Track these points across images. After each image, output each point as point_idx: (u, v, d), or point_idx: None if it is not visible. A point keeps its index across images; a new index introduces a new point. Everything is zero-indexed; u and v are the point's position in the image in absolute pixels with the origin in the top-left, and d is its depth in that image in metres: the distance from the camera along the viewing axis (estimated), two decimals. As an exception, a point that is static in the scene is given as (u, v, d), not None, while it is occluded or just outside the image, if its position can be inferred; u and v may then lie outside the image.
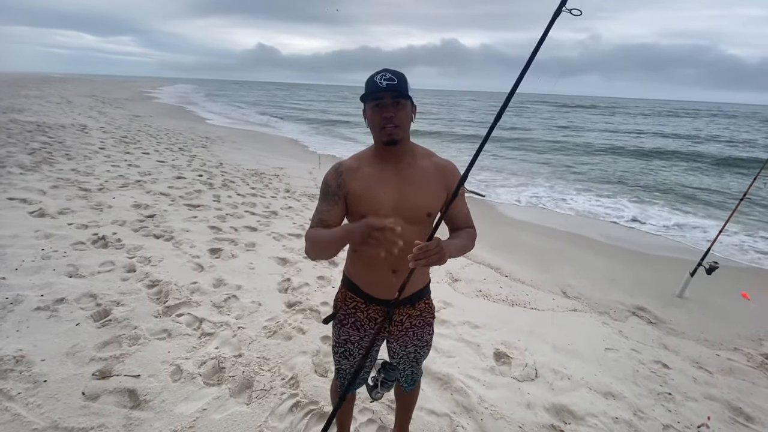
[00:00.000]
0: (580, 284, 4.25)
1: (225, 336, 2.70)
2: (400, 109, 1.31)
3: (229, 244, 4.26)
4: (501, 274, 4.36)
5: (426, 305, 1.59)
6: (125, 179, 6.35)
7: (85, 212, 4.66)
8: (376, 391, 1.52)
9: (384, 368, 1.51)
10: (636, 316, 3.68)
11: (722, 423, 2.38)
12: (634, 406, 2.43)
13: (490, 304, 3.65)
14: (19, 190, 5.13)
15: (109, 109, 18.70)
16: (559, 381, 2.60)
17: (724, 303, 4.04)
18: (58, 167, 6.55)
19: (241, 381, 2.31)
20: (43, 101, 18.38)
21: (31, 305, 2.74)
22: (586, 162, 13.83)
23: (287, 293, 3.40)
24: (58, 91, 28.09)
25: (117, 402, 2.08)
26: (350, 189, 1.38)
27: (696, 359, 3.03)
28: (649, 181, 11.33)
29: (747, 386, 2.75)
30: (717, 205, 9.04)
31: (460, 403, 2.32)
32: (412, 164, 1.41)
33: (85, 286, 3.06)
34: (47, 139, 8.82)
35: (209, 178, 7.13)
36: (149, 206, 5.17)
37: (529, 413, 2.30)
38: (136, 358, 2.39)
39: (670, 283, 4.31)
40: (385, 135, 1.31)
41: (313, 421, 2.09)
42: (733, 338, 3.40)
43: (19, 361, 2.24)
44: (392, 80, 1.28)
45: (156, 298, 3.09)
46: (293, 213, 5.71)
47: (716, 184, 11.58)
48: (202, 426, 1.99)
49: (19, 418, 1.90)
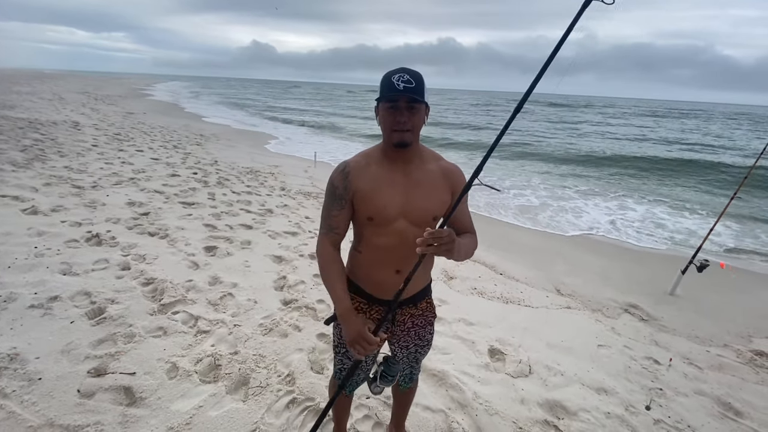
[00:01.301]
0: (573, 282, 4.30)
1: (221, 333, 2.70)
2: (415, 113, 1.29)
3: (225, 242, 4.25)
4: (495, 272, 4.39)
5: (428, 305, 1.60)
6: (119, 177, 6.31)
7: (78, 210, 4.63)
8: (375, 385, 1.50)
9: (385, 362, 1.50)
10: (628, 313, 3.72)
11: (712, 418, 2.43)
12: (626, 401, 2.46)
13: (484, 302, 3.68)
14: (11, 187, 5.08)
15: (102, 105, 18.53)
16: (553, 377, 2.64)
17: (715, 300, 4.10)
18: (50, 164, 6.49)
19: (237, 378, 2.31)
20: (35, 97, 18.16)
21: (25, 303, 2.72)
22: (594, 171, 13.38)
23: (283, 291, 3.41)
24: (51, 87, 27.77)
25: (112, 399, 2.07)
26: (357, 189, 1.37)
27: (687, 355, 3.08)
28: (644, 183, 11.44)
29: (736, 382, 2.81)
30: (709, 204, 9.16)
31: (455, 399, 2.35)
32: (420, 167, 1.40)
33: (79, 284, 3.05)
34: (39, 136, 8.73)
35: (204, 176, 7.10)
36: (143, 204, 5.14)
37: (523, 409, 2.33)
38: (132, 356, 2.39)
39: (662, 281, 4.37)
40: (396, 137, 1.30)
41: (310, 417, 2.10)
42: (723, 335, 3.46)
43: (13, 359, 2.23)
44: (410, 83, 1.25)
45: (151, 295, 3.08)
46: (289, 211, 5.70)
47: (707, 183, 11.73)
48: (198, 423, 1.99)
49: (14, 416, 1.89)
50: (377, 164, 1.39)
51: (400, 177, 1.38)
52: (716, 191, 10.62)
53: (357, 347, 1.27)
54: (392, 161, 1.38)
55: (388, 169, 1.38)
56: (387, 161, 1.39)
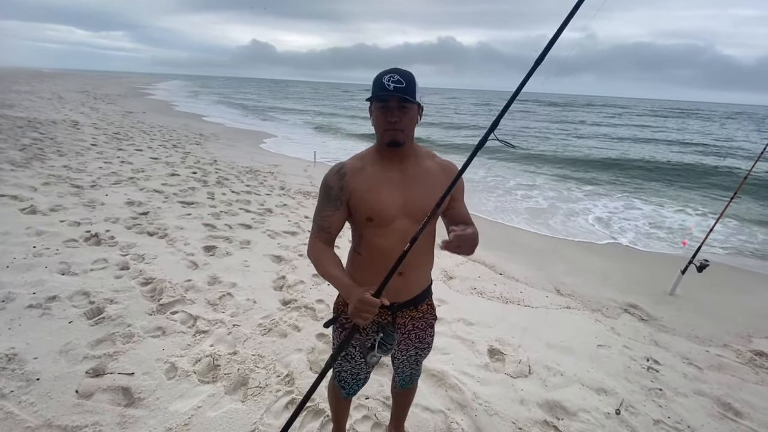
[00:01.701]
0: (573, 282, 4.29)
1: (220, 333, 2.69)
2: (406, 113, 1.30)
3: (224, 242, 4.25)
4: (495, 272, 4.39)
5: (428, 306, 1.59)
6: (118, 176, 6.30)
7: (77, 209, 4.62)
8: (371, 354, 1.41)
9: (383, 330, 1.42)
10: (628, 313, 3.72)
11: (711, 418, 2.42)
12: (626, 401, 2.46)
13: (484, 302, 3.67)
14: (10, 186, 5.06)
15: (101, 105, 18.50)
16: (552, 377, 2.63)
17: (715, 300, 4.10)
18: (49, 164, 6.48)
19: (236, 378, 2.31)
20: (34, 96, 18.13)
21: (23, 303, 2.72)
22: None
23: (282, 291, 3.40)
24: (50, 86, 27.73)
25: (111, 400, 2.07)
26: (353, 190, 1.37)
27: (686, 356, 3.08)
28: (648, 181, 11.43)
29: (736, 382, 2.80)
30: (709, 204, 9.16)
31: (455, 399, 2.34)
32: (416, 165, 1.41)
33: (77, 284, 3.04)
34: (38, 135, 8.71)
35: (203, 176, 7.08)
36: (143, 203, 5.13)
37: (523, 409, 2.33)
38: (130, 356, 2.38)
39: (662, 281, 4.36)
40: (388, 136, 1.32)
41: (309, 418, 2.09)
42: (722, 335, 3.45)
43: (11, 359, 2.22)
44: (400, 83, 1.26)
45: (150, 295, 3.07)
46: (288, 211, 5.69)
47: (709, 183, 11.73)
48: (197, 423, 1.99)
49: (12, 417, 1.89)
50: (373, 165, 1.39)
51: (398, 176, 1.38)
52: (717, 192, 10.61)
53: (361, 314, 1.21)
54: (388, 161, 1.39)
55: (384, 168, 1.38)
56: (382, 161, 1.39)
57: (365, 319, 1.21)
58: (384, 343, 1.40)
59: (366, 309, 1.20)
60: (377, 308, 1.20)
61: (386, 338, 1.40)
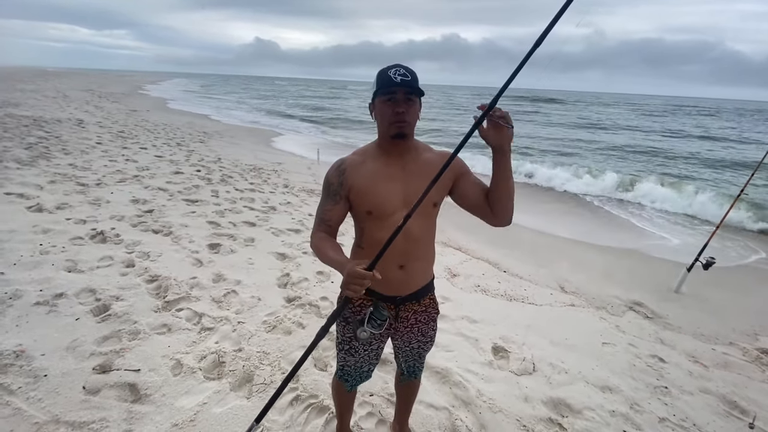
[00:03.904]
0: (577, 279, 4.28)
1: (225, 331, 2.71)
2: (411, 105, 1.33)
3: (228, 240, 4.26)
4: (499, 269, 4.38)
5: (431, 301, 1.60)
6: (123, 174, 6.33)
7: (83, 207, 4.65)
8: (362, 329, 1.40)
9: (375, 305, 1.42)
10: (633, 311, 3.70)
11: (717, 416, 2.41)
12: (631, 399, 2.45)
13: (488, 299, 3.67)
14: (16, 185, 5.10)
15: (106, 103, 18.58)
16: (557, 375, 2.63)
17: (721, 298, 4.07)
18: (55, 162, 6.52)
19: (241, 375, 2.32)
20: (39, 95, 18.23)
21: (30, 300, 2.74)
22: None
23: (286, 288, 3.41)
24: (54, 85, 27.87)
25: (118, 396, 2.09)
26: (353, 185, 1.39)
27: (692, 353, 3.06)
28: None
29: (742, 380, 2.79)
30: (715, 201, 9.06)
31: (459, 396, 2.34)
32: (417, 158, 1.43)
33: (84, 281, 3.06)
34: (44, 134, 8.77)
35: (207, 174, 7.11)
36: (147, 201, 5.15)
37: (527, 406, 2.32)
38: (136, 353, 2.40)
39: (667, 278, 4.34)
40: (394, 129, 1.33)
41: (313, 414, 2.11)
42: (728, 333, 3.43)
43: (19, 355, 2.24)
44: (406, 76, 1.30)
45: (155, 293, 3.09)
46: (292, 208, 5.70)
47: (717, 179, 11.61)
48: (202, 420, 2.00)
49: (20, 413, 1.91)
50: (373, 159, 1.42)
51: (398, 170, 1.40)
52: (729, 187, 10.47)
53: (351, 286, 1.21)
54: (389, 155, 1.41)
55: (384, 163, 1.40)
56: (383, 155, 1.41)
57: (356, 291, 1.21)
58: (374, 318, 1.40)
59: (356, 281, 1.20)
60: (368, 280, 1.20)
61: (375, 312, 1.40)
